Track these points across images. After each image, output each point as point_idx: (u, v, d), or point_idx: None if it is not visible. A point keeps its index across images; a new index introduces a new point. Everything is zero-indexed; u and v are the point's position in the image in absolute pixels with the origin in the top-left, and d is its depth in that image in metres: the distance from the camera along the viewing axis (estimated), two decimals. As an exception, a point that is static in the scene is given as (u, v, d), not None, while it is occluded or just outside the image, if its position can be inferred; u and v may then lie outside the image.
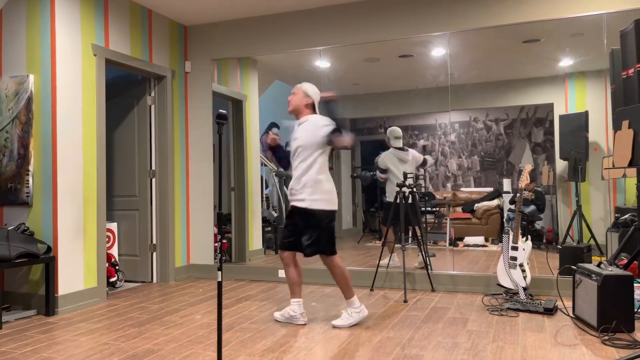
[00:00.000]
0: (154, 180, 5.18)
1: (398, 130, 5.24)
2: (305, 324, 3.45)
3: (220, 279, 2.33)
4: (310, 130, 3.40)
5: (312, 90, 3.50)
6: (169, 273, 5.13)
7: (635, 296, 3.45)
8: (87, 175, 4.23)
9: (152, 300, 4.34)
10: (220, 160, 2.44)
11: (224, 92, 5.65)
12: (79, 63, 4.20)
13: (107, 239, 4.94)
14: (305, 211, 3.35)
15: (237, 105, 5.84)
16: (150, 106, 5.20)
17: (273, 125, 5.94)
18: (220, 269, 2.33)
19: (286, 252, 3.48)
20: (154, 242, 5.16)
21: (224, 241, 5.65)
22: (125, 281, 5.18)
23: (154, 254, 5.16)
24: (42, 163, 3.98)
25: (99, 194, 4.32)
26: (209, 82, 5.45)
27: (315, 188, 3.35)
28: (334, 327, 3.36)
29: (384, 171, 5.16)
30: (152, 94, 5.20)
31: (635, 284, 3.39)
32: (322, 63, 5.64)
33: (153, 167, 5.18)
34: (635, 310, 3.40)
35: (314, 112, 3.50)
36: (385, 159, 5.15)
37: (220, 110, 2.42)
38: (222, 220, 2.42)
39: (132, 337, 3.26)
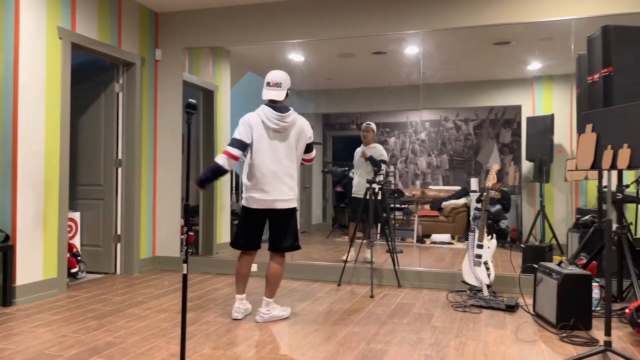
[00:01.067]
0: (120, 169, 5.06)
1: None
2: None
3: (185, 272, 2.29)
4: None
5: None
6: (133, 264, 5.02)
7: (594, 295, 3.56)
8: (50, 162, 4.10)
9: (115, 292, 4.24)
10: (189, 151, 2.39)
11: (195, 82, 5.55)
12: (43, 46, 4.05)
13: (69, 229, 4.80)
14: None
15: (208, 95, 5.75)
16: (118, 93, 5.07)
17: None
18: (185, 261, 2.29)
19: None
20: (119, 232, 5.05)
21: (191, 233, 5.57)
22: (87, 272, 5.05)
23: (118, 244, 5.05)
24: (2, 149, 3.83)
25: (62, 182, 4.19)
26: (180, 71, 5.34)
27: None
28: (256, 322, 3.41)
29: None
30: (120, 81, 5.07)
31: (593, 283, 3.50)
32: (296, 56, 5.60)
33: (119, 156, 5.05)
34: (593, 308, 3.51)
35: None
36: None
37: (190, 100, 2.37)
38: (189, 212, 2.37)
39: (93, 329, 3.18)
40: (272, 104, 3.36)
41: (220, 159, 3.23)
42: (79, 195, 5.13)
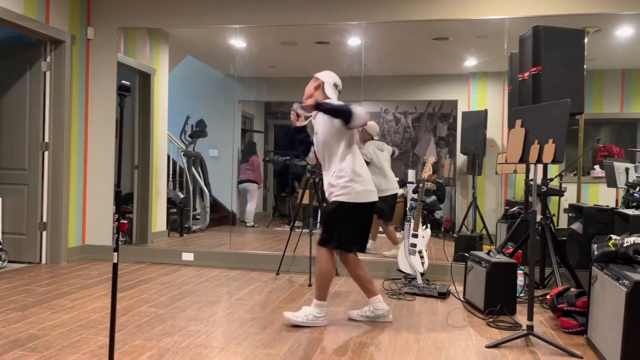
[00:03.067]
0: (46, 153, 4.77)
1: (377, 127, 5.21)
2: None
3: (116, 261, 2.20)
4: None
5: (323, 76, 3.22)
6: (60, 254, 4.77)
7: (518, 282, 3.75)
8: (-33, 143, 3.79)
9: (40, 282, 4.01)
10: (122, 135, 2.28)
11: (131, 64, 5.32)
12: (-40, 17, 3.73)
13: (-11, 216, 4.48)
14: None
15: (145, 78, 5.53)
16: (45, 72, 4.76)
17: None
18: (116, 249, 2.20)
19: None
20: (44, 220, 4.77)
21: (124, 221, 5.37)
22: (10, 262, 4.74)
23: (44, 232, 4.78)
24: None
25: (-20, 165, 3.89)
26: (114, 52, 5.09)
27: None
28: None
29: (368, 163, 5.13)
30: (48, 60, 4.77)
31: (518, 271, 3.69)
32: (238, 42, 5.49)
33: (46, 139, 4.76)
34: (518, 294, 3.70)
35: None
36: (368, 150, 5.06)
37: (123, 82, 2.26)
38: (120, 199, 2.27)
39: (14, 321, 2.99)
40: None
41: (357, 110, 2.89)
42: (0, 179, 4.80)
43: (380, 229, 5.09)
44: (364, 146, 4.95)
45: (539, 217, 3.76)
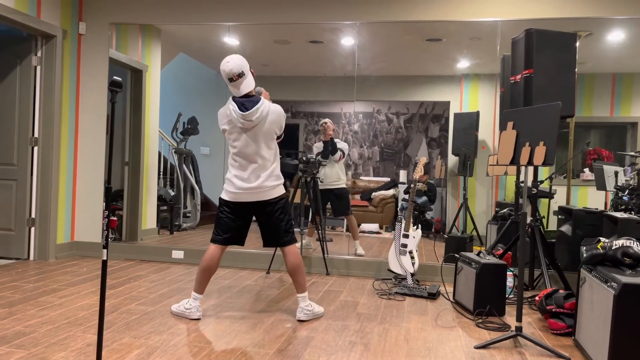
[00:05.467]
0: (36, 148, 4.72)
1: None
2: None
3: (105, 257, 2.18)
4: None
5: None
6: (48, 250, 4.73)
7: (507, 283, 3.78)
8: (-46, 137, 3.74)
9: (27, 278, 3.97)
10: (112, 131, 2.27)
11: (123, 60, 5.28)
12: (-51, 9, 3.68)
13: (-24, 211, 4.43)
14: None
15: (137, 75, 5.49)
16: (35, 67, 4.72)
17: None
18: (105, 246, 2.18)
19: None
20: (33, 216, 4.73)
21: (114, 218, 5.33)
22: (-3, 258, 4.70)
23: (32, 228, 4.73)
24: None
25: (-32, 160, 3.84)
26: (106, 48, 5.05)
27: None
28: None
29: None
30: (39, 54, 4.72)
31: (508, 272, 3.71)
32: (231, 40, 5.47)
33: (36, 135, 4.72)
34: (507, 296, 3.72)
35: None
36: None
37: (115, 77, 2.24)
38: (109, 196, 2.25)
39: (1, 318, 2.96)
40: (242, 98, 3.10)
41: None
42: (-12, 174, 4.75)
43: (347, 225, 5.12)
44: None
45: (529, 219, 3.79)
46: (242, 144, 3.12)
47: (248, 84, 3.13)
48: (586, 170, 5.03)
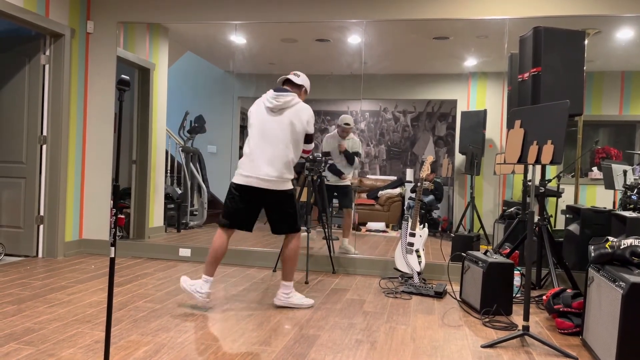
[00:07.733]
0: (44, 147, 4.76)
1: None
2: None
3: (113, 255, 2.19)
4: None
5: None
6: (57, 247, 4.76)
7: (515, 282, 3.76)
8: (-36, 135, 3.78)
9: (36, 276, 4.01)
10: (120, 129, 2.28)
11: (131, 59, 5.30)
12: (-41, 8, 3.71)
13: (-14, 208, 4.47)
14: None
15: (144, 73, 5.51)
16: (44, 66, 4.75)
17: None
18: (113, 244, 2.19)
19: None
20: (42, 213, 4.76)
21: (122, 216, 5.36)
22: (6, 255, 4.74)
23: (41, 226, 4.77)
24: None
25: (-22, 158, 3.88)
26: (114, 47, 5.08)
27: None
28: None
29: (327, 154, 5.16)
30: (47, 53, 4.75)
31: (515, 271, 3.70)
32: (238, 38, 5.48)
33: (44, 133, 4.75)
34: (514, 295, 3.71)
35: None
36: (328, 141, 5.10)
37: (123, 76, 2.25)
38: (117, 194, 2.26)
39: (10, 314, 2.99)
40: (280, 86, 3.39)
41: None
42: (-3, 172, 4.79)
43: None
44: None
45: (536, 218, 3.77)
46: (265, 126, 3.27)
47: (296, 85, 3.44)
48: (594, 169, 4.99)
